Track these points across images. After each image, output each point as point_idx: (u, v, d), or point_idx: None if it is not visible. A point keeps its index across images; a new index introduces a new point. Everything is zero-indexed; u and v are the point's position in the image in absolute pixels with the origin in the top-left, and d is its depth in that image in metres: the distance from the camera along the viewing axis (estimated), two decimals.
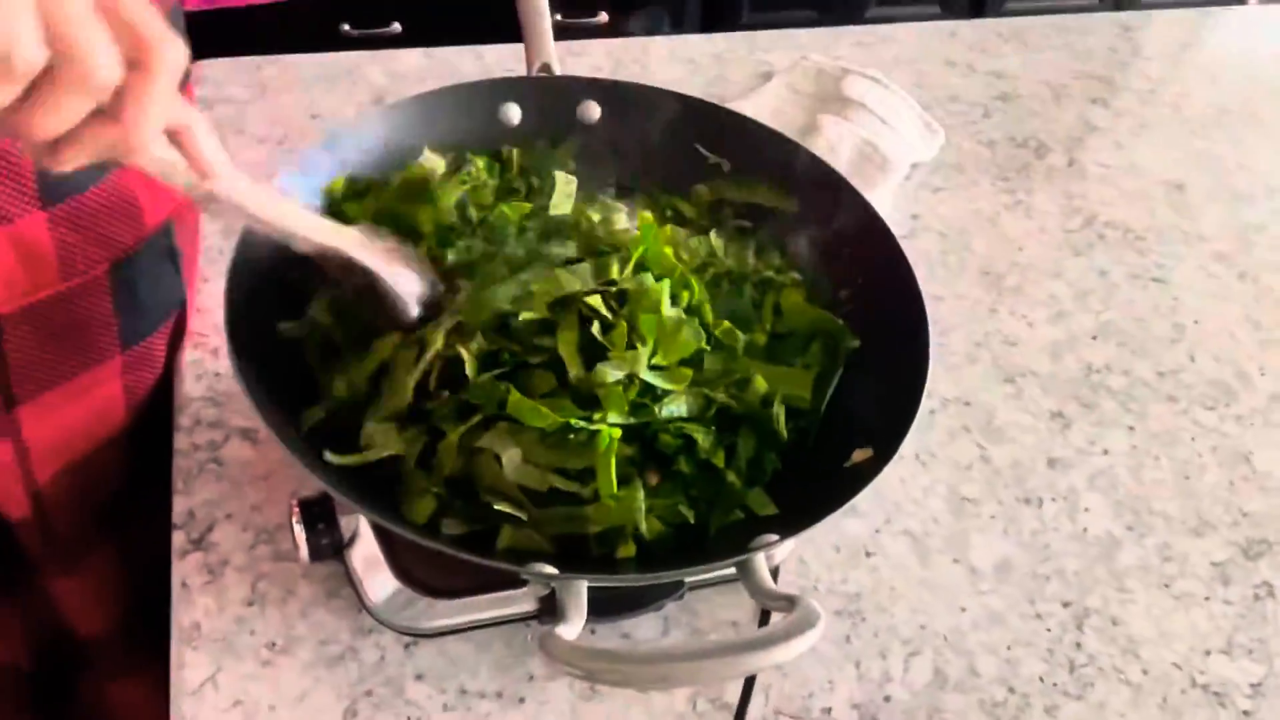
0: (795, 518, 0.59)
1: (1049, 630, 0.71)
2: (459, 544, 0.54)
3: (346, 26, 1.84)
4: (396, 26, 1.86)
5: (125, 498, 0.76)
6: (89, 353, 0.69)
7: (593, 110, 0.79)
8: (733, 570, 0.56)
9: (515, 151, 0.77)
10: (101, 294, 0.68)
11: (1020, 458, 0.81)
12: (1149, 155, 1.11)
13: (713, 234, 0.74)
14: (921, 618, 0.71)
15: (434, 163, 0.73)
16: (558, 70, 0.80)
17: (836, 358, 0.69)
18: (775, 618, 0.57)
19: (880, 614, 0.71)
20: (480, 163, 0.75)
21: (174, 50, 0.40)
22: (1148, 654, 0.71)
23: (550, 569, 0.51)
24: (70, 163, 0.40)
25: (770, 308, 0.71)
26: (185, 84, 0.76)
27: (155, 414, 0.76)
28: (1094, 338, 0.91)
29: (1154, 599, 0.74)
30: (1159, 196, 1.06)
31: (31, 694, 0.80)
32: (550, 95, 0.78)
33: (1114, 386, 0.87)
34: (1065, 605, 0.73)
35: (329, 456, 0.57)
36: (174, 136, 0.45)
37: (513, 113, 0.78)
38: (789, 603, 0.50)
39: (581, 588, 0.50)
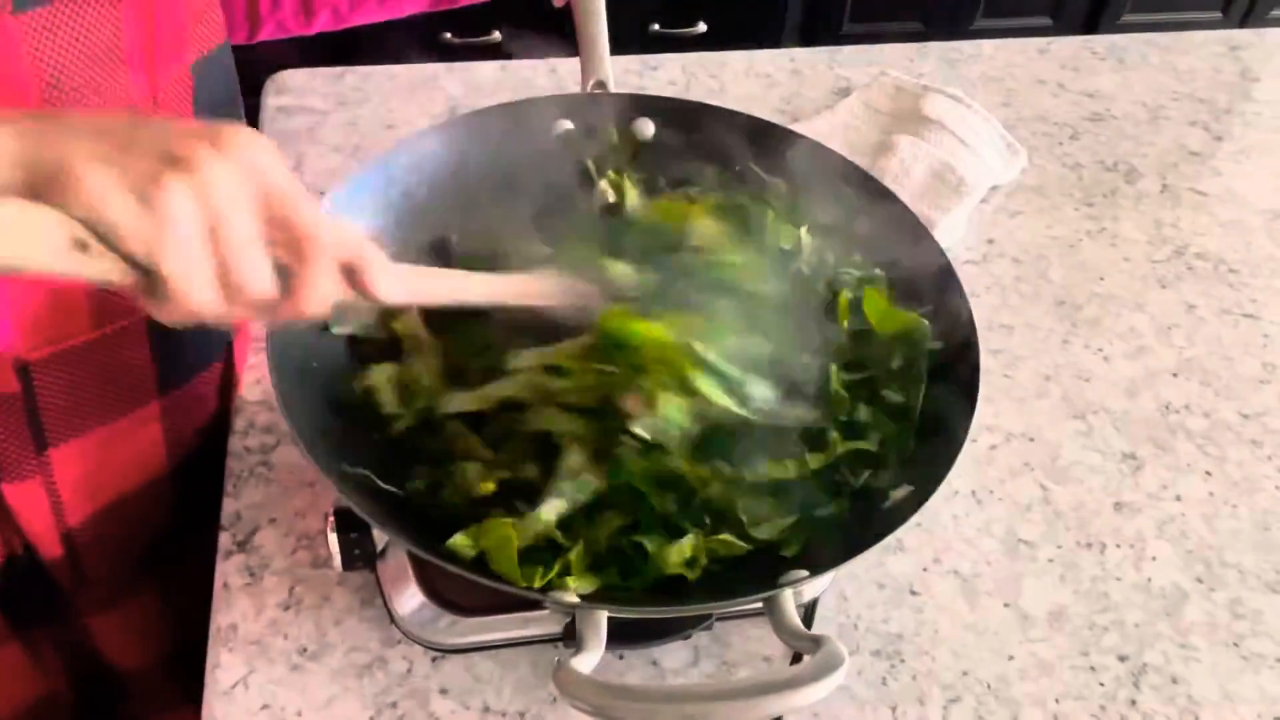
0: (825, 555, 0.57)
1: (1102, 685, 0.68)
2: (477, 568, 0.54)
3: (448, 35, 1.88)
4: (496, 35, 1.89)
5: (169, 537, 0.77)
6: (125, 399, 0.69)
7: (646, 127, 0.78)
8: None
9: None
10: (138, 341, 0.67)
11: (1085, 500, 0.77)
12: (1250, 183, 1.05)
13: (803, 230, 0.72)
14: (965, 663, 0.68)
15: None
16: (613, 87, 0.79)
17: (917, 361, 0.66)
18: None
19: (921, 657, 0.68)
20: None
21: (330, 235, 0.46)
22: (1209, 717, 0.66)
23: (571, 597, 0.50)
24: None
25: (846, 306, 0.69)
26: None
27: (206, 454, 0.76)
28: (1175, 375, 0.86)
29: (1220, 658, 0.69)
30: (1258, 227, 1.00)
31: None
32: (603, 112, 0.78)
33: (1193, 428, 0.83)
34: (1122, 659, 0.69)
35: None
36: (349, 274, 0.49)
37: (567, 129, 0.78)
38: (814, 643, 0.48)
39: (601, 618, 0.49)
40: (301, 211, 0.45)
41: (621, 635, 0.63)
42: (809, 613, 0.68)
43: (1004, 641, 0.69)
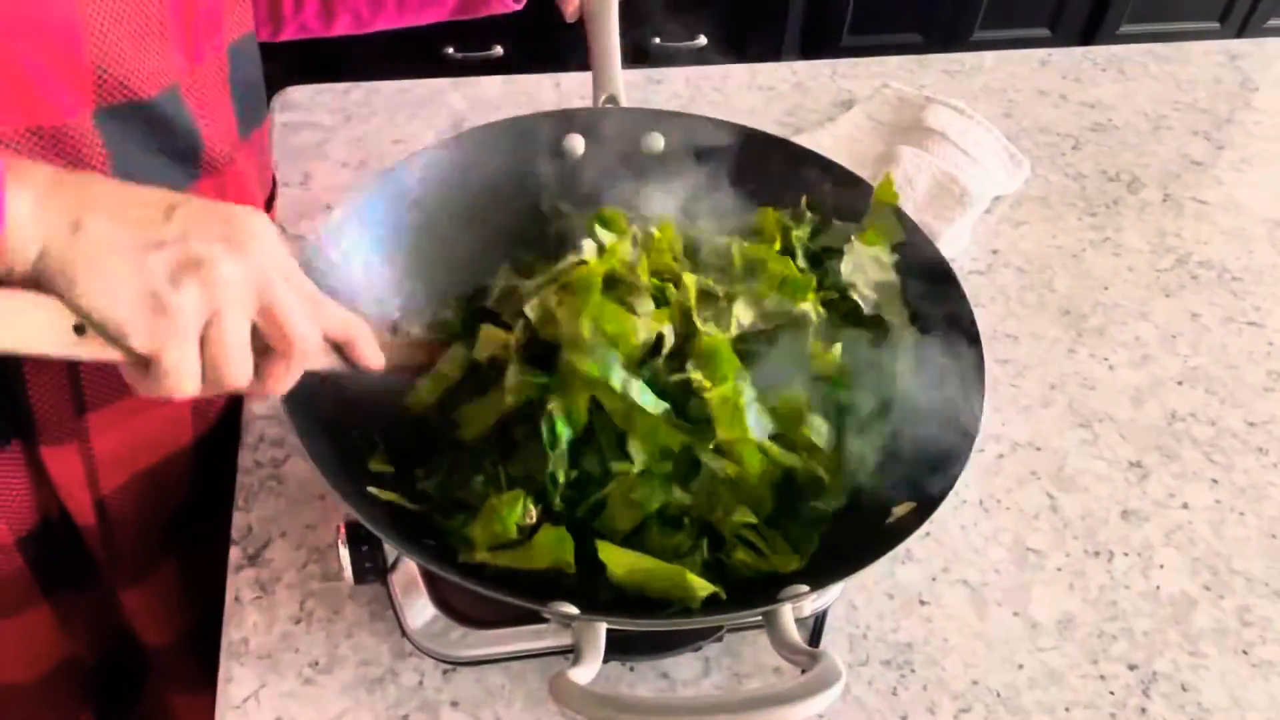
0: (828, 569, 0.57)
1: (1112, 693, 0.68)
2: (488, 581, 0.54)
3: (450, 50, 1.89)
4: (499, 50, 1.90)
5: (191, 513, 0.78)
6: None
7: (657, 141, 0.79)
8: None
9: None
10: None
11: (1092, 508, 0.78)
12: (1252, 191, 1.05)
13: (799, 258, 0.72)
14: (974, 672, 0.68)
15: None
16: (624, 101, 0.80)
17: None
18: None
19: (931, 666, 0.68)
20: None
21: (312, 328, 0.52)
22: None
23: (571, 608, 0.50)
24: None
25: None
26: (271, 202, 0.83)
27: (224, 431, 0.78)
28: (1180, 383, 0.87)
29: (1230, 665, 0.69)
30: (1260, 235, 1.01)
31: (97, 689, 0.83)
32: (614, 127, 0.78)
33: (1199, 436, 0.83)
34: (1132, 668, 0.69)
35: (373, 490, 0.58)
36: (340, 349, 0.57)
37: (577, 144, 0.78)
38: (811, 659, 0.48)
39: (600, 630, 0.49)
40: (291, 317, 0.50)
41: (631, 647, 0.64)
42: (818, 623, 0.68)
43: (1013, 650, 0.69)
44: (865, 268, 0.69)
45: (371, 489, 0.58)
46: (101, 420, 0.67)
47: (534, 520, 0.58)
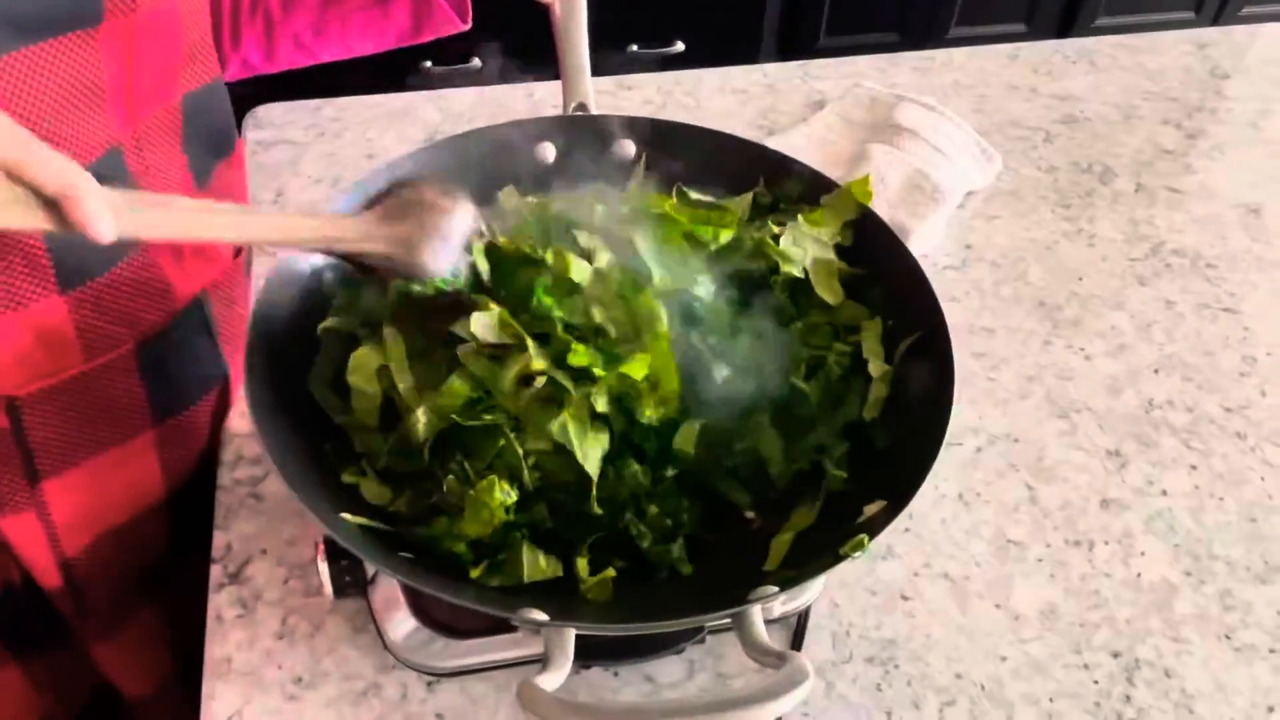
0: (796, 569, 0.57)
1: (1096, 682, 0.68)
2: (463, 592, 0.54)
3: (428, 64, 1.89)
4: (476, 62, 1.90)
5: (168, 562, 0.77)
6: (119, 429, 0.69)
7: (628, 148, 0.79)
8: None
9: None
10: (129, 372, 0.67)
11: (1071, 498, 0.78)
12: (1223, 178, 1.06)
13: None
14: (958, 666, 0.68)
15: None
16: (594, 109, 0.80)
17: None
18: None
19: (915, 661, 0.68)
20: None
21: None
22: (1204, 709, 0.67)
23: (540, 615, 0.50)
24: None
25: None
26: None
27: (202, 480, 0.76)
28: (1156, 371, 0.87)
29: (1213, 651, 0.70)
30: (1233, 221, 1.01)
31: None
32: (585, 134, 0.78)
33: (1176, 423, 0.83)
34: (1115, 655, 0.69)
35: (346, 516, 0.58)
36: (53, 207, 0.44)
37: (548, 152, 0.78)
38: (778, 659, 0.48)
39: (569, 635, 0.49)
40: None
41: (613, 651, 0.64)
42: (801, 622, 0.68)
43: (996, 642, 0.69)
44: (804, 244, 0.69)
45: (345, 515, 0.58)
46: (59, 487, 0.66)
47: (513, 500, 0.58)
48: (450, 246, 0.60)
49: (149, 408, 0.70)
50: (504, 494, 0.57)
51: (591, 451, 0.58)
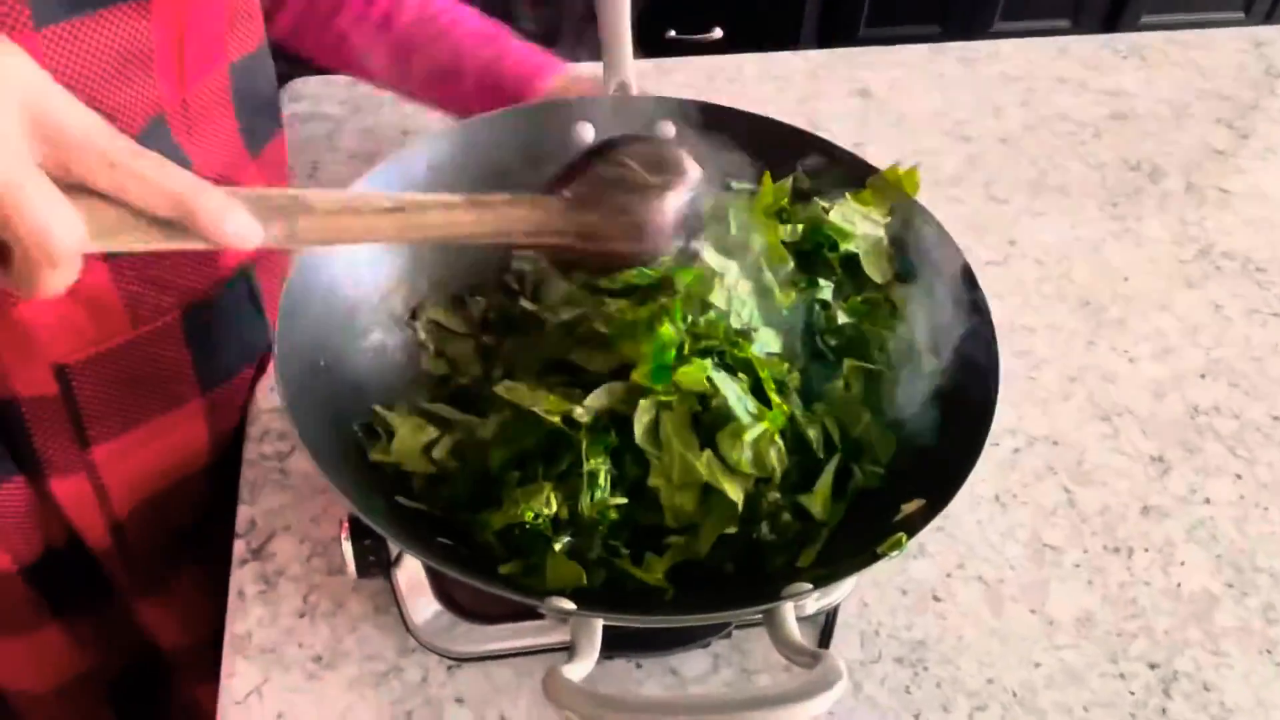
0: (831, 566, 0.56)
1: (1132, 693, 0.66)
2: (491, 578, 0.53)
3: None
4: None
5: (210, 520, 0.77)
6: (166, 396, 0.69)
7: (668, 129, 0.77)
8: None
9: None
10: (175, 340, 0.68)
11: (1111, 503, 0.76)
12: (1276, 180, 1.03)
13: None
14: (990, 670, 0.66)
15: None
16: (635, 90, 0.79)
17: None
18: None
19: (945, 664, 0.67)
20: None
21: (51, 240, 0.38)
22: None
23: (567, 604, 0.49)
24: None
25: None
26: None
27: (240, 441, 0.76)
28: (1202, 376, 0.85)
29: (1253, 665, 0.68)
30: None
31: (118, 691, 0.83)
32: (624, 115, 0.77)
33: (1222, 430, 0.81)
34: (1152, 666, 0.67)
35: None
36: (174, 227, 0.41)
37: (587, 132, 0.77)
38: (811, 658, 0.47)
39: (597, 626, 0.48)
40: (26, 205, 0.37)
41: (639, 644, 0.63)
42: (829, 620, 0.67)
43: (1030, 648, 0.68)
44: (854, 220, 0.68)
45: (400, 499, 0.57)
46: (108, 451, 0.67)
47: (552, 511, 0.57)
48: (654, 238, 0.52)
49: (195, 375, 0.71)
50: (545, 505, 0.56)
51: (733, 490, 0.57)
